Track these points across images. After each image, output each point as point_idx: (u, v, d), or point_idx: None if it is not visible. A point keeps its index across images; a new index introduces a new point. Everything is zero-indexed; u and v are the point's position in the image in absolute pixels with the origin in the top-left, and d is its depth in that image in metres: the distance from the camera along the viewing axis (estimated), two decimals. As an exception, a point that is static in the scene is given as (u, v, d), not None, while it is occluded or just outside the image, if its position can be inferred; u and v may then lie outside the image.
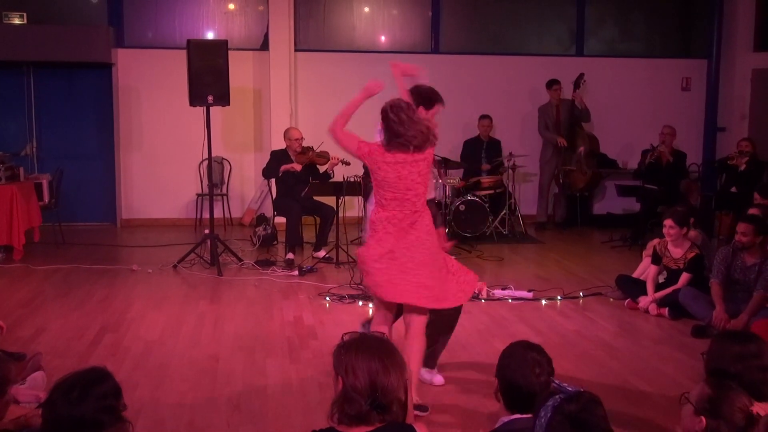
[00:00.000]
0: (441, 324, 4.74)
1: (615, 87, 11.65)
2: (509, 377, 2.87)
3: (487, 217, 9.79)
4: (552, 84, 10.85)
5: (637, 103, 11.74)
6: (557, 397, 2.42)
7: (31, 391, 4.18)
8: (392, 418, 2.50)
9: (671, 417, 4.32)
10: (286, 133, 9.08)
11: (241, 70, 10.58)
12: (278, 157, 8.95)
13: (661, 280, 6.83)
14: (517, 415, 2.83)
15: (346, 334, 2.70)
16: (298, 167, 8.82)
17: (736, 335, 3.34)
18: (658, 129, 10.01)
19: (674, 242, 6.71)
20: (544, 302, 7.01)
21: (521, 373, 2.84)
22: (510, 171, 10.34)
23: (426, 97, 4.72)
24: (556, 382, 2.54)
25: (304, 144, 8.98)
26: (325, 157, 8.95)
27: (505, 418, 2.87)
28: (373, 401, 2.47)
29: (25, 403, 3.86)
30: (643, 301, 6.68)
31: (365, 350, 2.54)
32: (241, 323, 6.25)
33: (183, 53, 8.41)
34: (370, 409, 2.47)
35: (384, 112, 4.26)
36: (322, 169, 9.02)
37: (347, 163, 8.68)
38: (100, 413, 2.57)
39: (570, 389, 2.46)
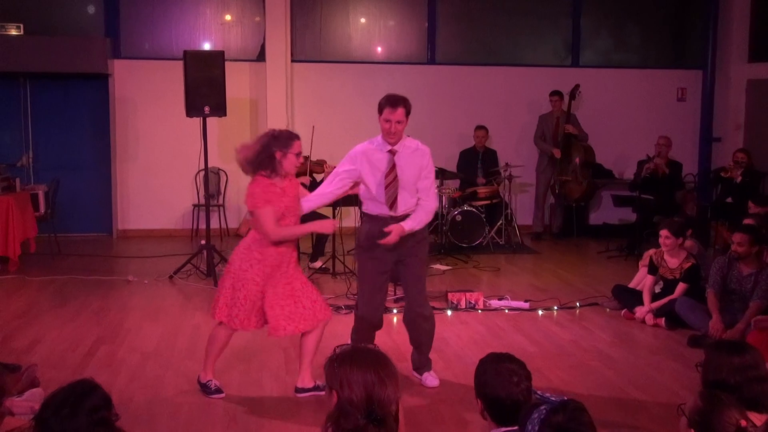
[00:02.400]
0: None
1: (610, 97, 11.68)
2: (490, 393, 2.85)
3: (483, 228, 9.80)
4: (552, 95, 10.86)
5: (632, 113, 11.77)
6: (542, 408, 2.40)
7: (26, 402, 4.17)
8: (388, 430, 2.47)
9: (667, 427, 4.33)
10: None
11: (237, 80, 10.60)
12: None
13: (657, 290, 6.84)
14: (507, 428, 2.81)
15: (338, 347, 2.68)
16: None
17: (733, 346, 3.34)
18: (654, 139, 10.03)
19: (670, 252, 6.72)
20: (540, 312, 7.00)
21: (500, 386, 2.82)
22: (506, 181, 10.35)
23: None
24: (539, 393, 2.52)
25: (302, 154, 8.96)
26: (321, 165, 8.95)
27: (495, 431, 2.85)
28: (369, 414, 2.44)
29: (21, 415, 3.85)
30: (640, 311, 6.69)
31: (360, 362, 2.50)
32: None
33: (180, 64, 8.42)
34: (366, 423, 2.44)
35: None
36: (319, 177, 9.02)
37: None
38: (94, 426, 2.56)
39: (553, 399, 2.44)
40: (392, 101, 4.82)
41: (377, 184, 4.85)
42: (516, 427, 2.71)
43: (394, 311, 6.91)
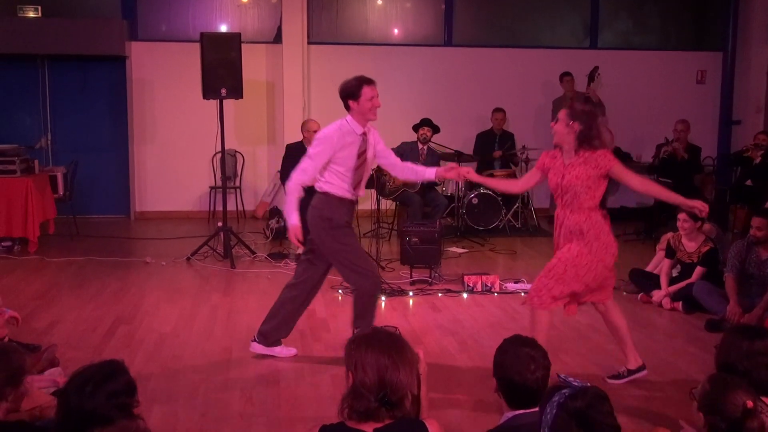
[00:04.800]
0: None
1: (629, 80, 11.59)
2: (505, 375, 2.86)
3: (500, 211, 9.77)
4: (563, 76, 10.80)
5: (651, 96, 11.67)
6: (563, 392, 2.39)
7: (49, 376, 4.22)
8: (403, 413, 2.48)
9: (684, 411, 4.31)
10: (304, 125, 9.03)
11: (254, 62, 10.60)
12: (293, 151, 8.93)
13: (674, 273, 6.80)
14: (521, 411, 2.82)
15: (356, 328, 2.69)
16: None
17: (747, 330, 3.33)
18: (673, 122, 9.94)
19: (688, 236, 6.68)
20: (556, 296, 6.97)
21: (516, 370, 2.82)
22: (523, 164, 10.31)
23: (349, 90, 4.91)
24: (562, 376, 2.52)
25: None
26: None
27: (509, 414, 2.86)
28: (382, 397, 2.45)
29: (43, 388, 3.89)
30: (657, 295, 6.66)
31: (375, 346, 2.53)
32: (253, 316, 6.26)
33: (196, 46, 8.43)
34: (378, 406, 2.46)
35: None
36: None
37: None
38: (111, 409, 2.60)
39: (576, 384, 2.43)
40: (369, 79, 4.99)
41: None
42: (531, 410, 2.72)
43: (410, 294, 6.93)
